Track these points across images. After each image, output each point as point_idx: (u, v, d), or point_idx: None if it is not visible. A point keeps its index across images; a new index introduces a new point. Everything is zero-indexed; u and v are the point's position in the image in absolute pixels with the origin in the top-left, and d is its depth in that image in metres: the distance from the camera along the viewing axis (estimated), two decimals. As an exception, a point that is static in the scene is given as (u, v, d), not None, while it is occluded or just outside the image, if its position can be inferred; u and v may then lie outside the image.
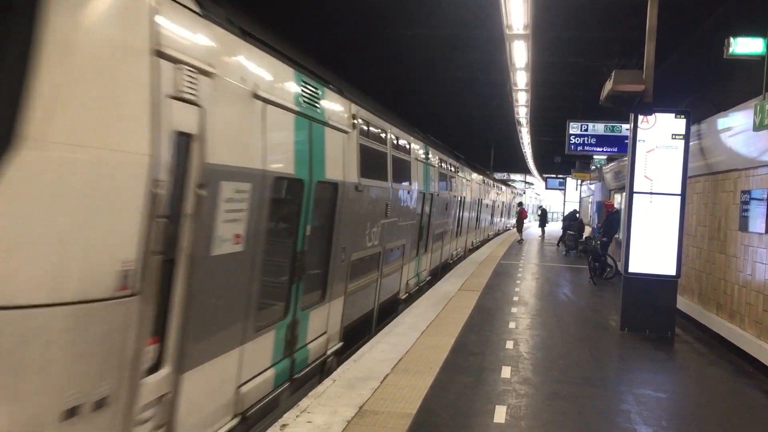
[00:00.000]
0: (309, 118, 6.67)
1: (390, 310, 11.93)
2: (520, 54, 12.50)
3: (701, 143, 10.75)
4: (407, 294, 13.37)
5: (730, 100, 9.78)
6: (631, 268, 10.41)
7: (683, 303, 11.42)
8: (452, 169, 19.21)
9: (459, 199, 21.10)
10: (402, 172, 12.07)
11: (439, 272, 17.78)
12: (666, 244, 10.26)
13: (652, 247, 10.31)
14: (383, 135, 10.64)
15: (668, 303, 10.34)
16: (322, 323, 7.70)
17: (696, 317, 11.06)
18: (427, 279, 16.00)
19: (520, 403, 6.56)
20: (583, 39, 14.53)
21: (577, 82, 18.63)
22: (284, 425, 5.50)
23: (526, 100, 18.61)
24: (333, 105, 7.58)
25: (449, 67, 18.17)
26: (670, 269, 10.26)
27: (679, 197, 10.26)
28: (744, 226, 9.15)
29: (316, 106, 6.90)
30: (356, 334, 9.44)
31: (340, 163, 7.83)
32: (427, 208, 14.79)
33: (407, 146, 12.69)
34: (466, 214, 23.55)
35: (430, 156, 15.23)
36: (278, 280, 6.45)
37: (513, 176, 62.83)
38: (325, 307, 7.72)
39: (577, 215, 28.02)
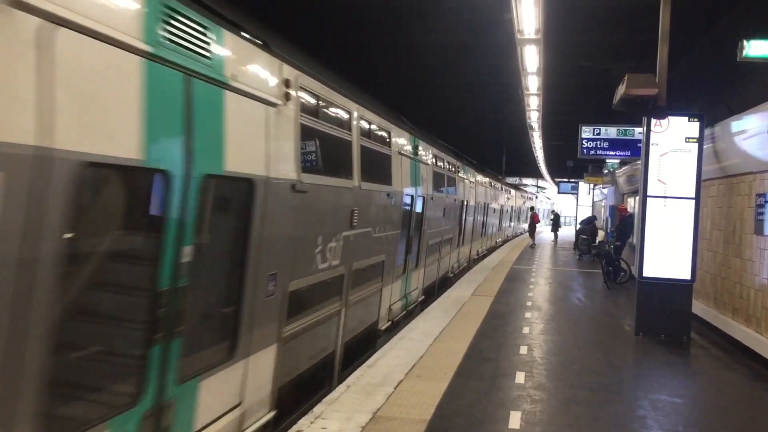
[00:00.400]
0: (181, 70, 4.13)
1: (364, 345, 9.54)
2: (531, 58, 12.52)
3: (715, 146, 10.68)
4: (390, 322, 10.91)
5: (744, 103, 9.72)
6: (646, 273, 10.35)
7: (698, 307, 11.34)
8: (451, 168, 16.51)
9: (460, 203, 18.46)
10: (377, 168, 9.46)
11: (436, 289, 15.60)
12: (680, 248, 10.19)
13: (667, 251, 10.24)
14: (345, 116, 7.86)
15: (683, 307, 10.27)
16: (232, 392, 5.17)
17: (712, 321, 10.98)
18: (420, 299, 13.55)
19: (534, 409, 6.54)
20: (594, 42, 14.55)
21: (588, 86, 18.65)
22: (299, 431, 5.51)
23: (538, 105, 18.64)
24: (243, 59, 5.08)
25: (462, 72, 18.25)
26: (685, 273, 10.19)
27: (693, 201, 10.19)
28: (759, 229, 9.08)
29: (203, 54, 4.37)
30: (304, 391, 7.06)
31: (258, 149, 5.30)
32: (417, 215, 12.41)
33: (385, 135, 9.95)
34: (469, 219, 20.98)
35: (420, 151, 12.53)
36: (116, 344, 4.05)
37: (525, 180, 62.74)
38: (237, 367, 5.16)
39: (595, 220, 27.62)
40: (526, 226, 40.59)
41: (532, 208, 39.27)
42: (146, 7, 3.78)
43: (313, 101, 6.67)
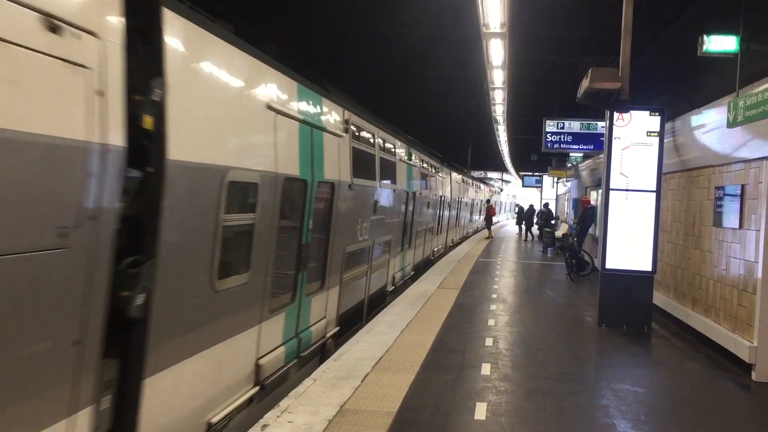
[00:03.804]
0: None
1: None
2: (496, 52, 12.55)
3: (675, 140, 10.87)
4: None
5: (704, 98, 9.90)
6: (608, 265, 10.51)
7: (659, 298, 11.55)
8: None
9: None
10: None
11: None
12: (642, 241, 10.38)
13: (629, 244, 10.42)
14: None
15: (645, 298, 10.46)
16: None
17: (672, 312, 11.20)
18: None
19: (500, 400, 6.59)
20: (559, 37, 14.68)
21: (553, 80, 18.83)
22: (265, 425, 5.46)
23: (503, 98, 18.72)
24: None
25: (429, 65, 18.25)
26: (646, 265, 10.37)
27: (654, 194, 10.38)
28: (718, 221, 9.27)
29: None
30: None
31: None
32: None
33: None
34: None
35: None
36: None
37: (490, 174, 63.19)
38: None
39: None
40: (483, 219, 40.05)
41: (488, 201, 39.22)
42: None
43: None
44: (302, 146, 7.05)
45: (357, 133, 9.94)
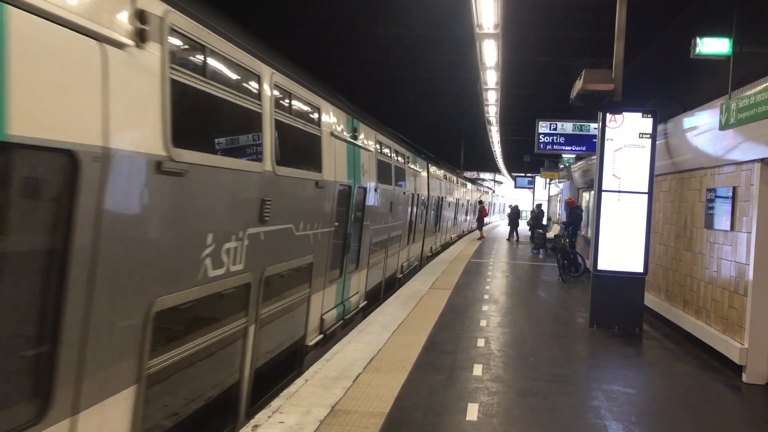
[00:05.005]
0: None
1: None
2: (490, 53, 12.56)
3: (668, 142, 10.91)
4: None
5: (696, 100, 9.93)
6: (600, 266, 10.53)
7: (651, 300, 11.58)
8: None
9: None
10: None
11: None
12: (634, 242, 10.41)
13: (621, 245, 10.45)
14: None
15: (636, 300, 10.48)
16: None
17: (663, 314, 11.23)
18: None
19: (492, 401, 6.58)
20: (552, 38, 14.70)
21: (546, 82, 18.87)
22: (256, 426, 5.44)
23: (496, 99, 18.73)
24: None
25: (421, 67, 18.25)
26: (637, 266, 10.40)
27: (646, 195, 10.41)
28: (709, 223, 9.30)
29: None
30: None
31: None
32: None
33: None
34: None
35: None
36: None
37: (483, 175, 63.29)
38: None
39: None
40: (474, 219, 40.65)
41: (480, 202, 39.60)
42: None
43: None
44: None
45: (193, 54, 4.94)
